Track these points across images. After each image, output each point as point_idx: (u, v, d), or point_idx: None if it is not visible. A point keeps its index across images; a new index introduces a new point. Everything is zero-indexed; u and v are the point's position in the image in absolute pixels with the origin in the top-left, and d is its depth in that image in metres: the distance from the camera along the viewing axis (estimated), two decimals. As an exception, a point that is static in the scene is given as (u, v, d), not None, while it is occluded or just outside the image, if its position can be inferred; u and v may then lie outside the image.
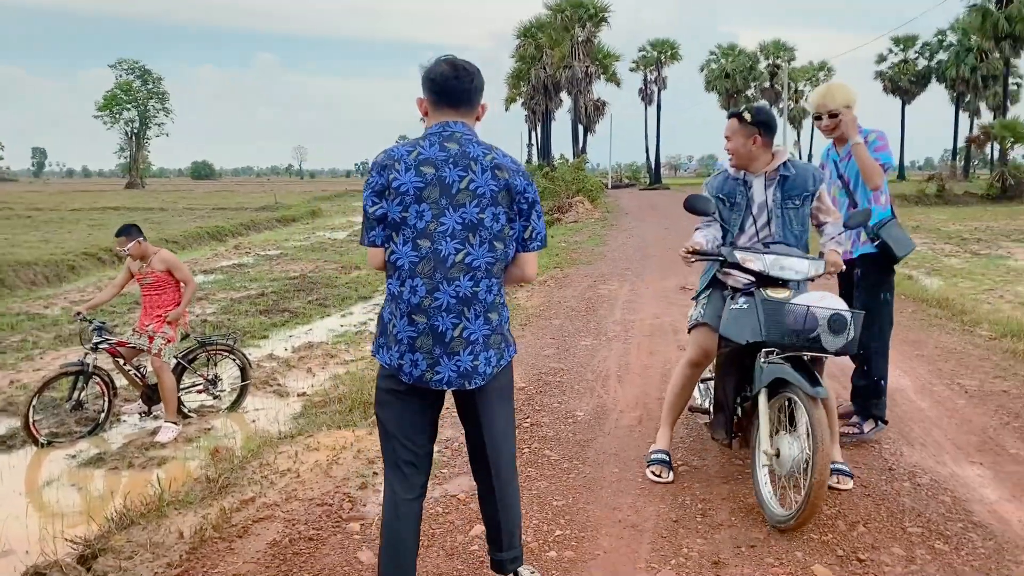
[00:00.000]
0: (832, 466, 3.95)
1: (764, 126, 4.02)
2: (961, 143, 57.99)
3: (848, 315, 3.62)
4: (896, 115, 68.27)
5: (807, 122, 76.56)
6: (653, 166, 69.47)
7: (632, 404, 5.64)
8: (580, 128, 55.46)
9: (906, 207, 31.74)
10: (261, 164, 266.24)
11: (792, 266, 3.84)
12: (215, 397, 7.24)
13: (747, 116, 4.03)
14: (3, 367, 8.59)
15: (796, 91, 73.31)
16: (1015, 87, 61.50)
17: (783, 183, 4.08)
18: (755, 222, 4.11)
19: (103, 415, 6.64)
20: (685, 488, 4.10)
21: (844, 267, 4.04)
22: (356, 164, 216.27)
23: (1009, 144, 39.19)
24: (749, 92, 72.35)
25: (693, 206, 3.99)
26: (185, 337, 7.04)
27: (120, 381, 6.98)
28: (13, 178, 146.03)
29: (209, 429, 6.72)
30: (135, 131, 78.64)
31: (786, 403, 3.73)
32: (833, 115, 4.68)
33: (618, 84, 58.18)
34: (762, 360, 3.72)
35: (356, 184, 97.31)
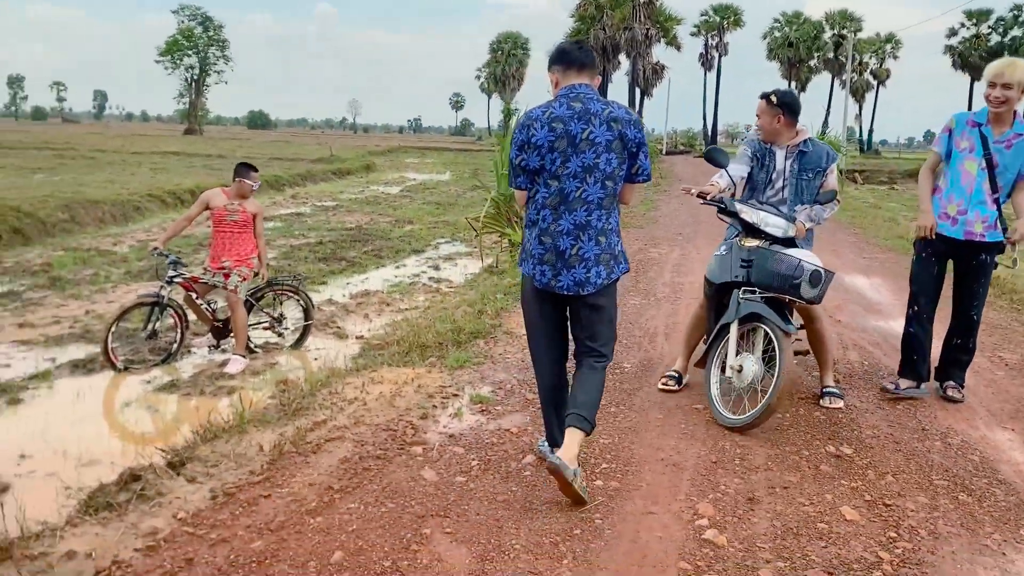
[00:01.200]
0: (827, 390, 4.92)
1: (787, 107, 4.75)
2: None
3: (823, 272, 4.33)
4: (964, 92, 66.39)
5: (870, 96, 74.90)
6: (709, 134, 68.62)
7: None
8: (637, 91, 54.98)
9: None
10: (315, 116, 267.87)
11: (775, 224, 4.55)
12: (279, 335, 7.62)
13: (773, 99, 4.77)
14: (79, 298, 9.09)
15: (861, 63, 71.51)
16: (1092, 67, 59.20)
17: (801, 157, 4.83)
18: (774, 185, 4.89)
19: (175, 345, 7.01)
20: (725, 435, 4.36)
21: (804, 234, 4.72)
22: (409, 120, 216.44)
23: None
24: (812, 62, 70.79)
25: (712, 157, 4.67)
26: (254, 276, 7.41)
27: (190, 316, 7.36)
28: (76, 119, 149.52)
29: (274, 364, 7.10)
30: (195, 77, 79.23)
31: (749, 332, 4.49)
32: (1007, 87, 4.58)
33: (678, 48, 57.53)
34: (741, 296, 4.39)
35: (409, 140, 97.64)
